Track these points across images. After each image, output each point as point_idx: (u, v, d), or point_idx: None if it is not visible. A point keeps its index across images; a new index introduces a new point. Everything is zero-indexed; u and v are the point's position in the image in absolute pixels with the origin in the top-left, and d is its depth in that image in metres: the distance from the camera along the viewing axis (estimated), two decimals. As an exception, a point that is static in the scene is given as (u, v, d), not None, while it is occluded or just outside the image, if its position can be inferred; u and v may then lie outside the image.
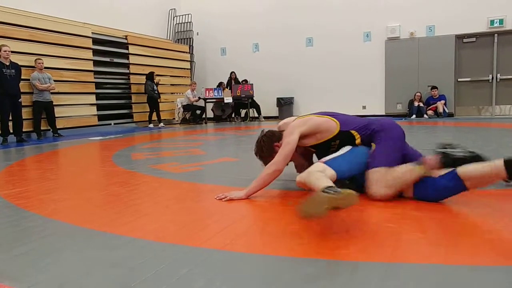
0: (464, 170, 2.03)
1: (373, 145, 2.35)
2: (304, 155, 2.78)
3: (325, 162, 2.21)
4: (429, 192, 2.14)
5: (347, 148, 2.38)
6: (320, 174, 2.04)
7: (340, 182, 2.11)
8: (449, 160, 2.07)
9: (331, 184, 1.86)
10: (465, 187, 2.05)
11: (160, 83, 10.61)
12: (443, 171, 2.21)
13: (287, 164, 2.53)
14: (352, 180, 2.40)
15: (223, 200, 2.36)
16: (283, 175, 2.65)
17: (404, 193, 2.24)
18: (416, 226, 1.84)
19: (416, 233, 1.75)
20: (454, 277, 1.29)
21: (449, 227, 1.80)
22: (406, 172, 2.16)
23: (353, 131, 2.43)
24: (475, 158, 2.07)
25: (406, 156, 2.46)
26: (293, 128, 2.48)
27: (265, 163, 2.60)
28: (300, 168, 2.78)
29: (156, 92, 10.34)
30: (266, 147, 2.58)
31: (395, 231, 1.73)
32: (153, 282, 1.33)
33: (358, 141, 2.42)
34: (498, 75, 9.81)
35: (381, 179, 2.19)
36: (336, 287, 1.25)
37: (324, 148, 2.56)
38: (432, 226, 1.85)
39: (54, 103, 8.06)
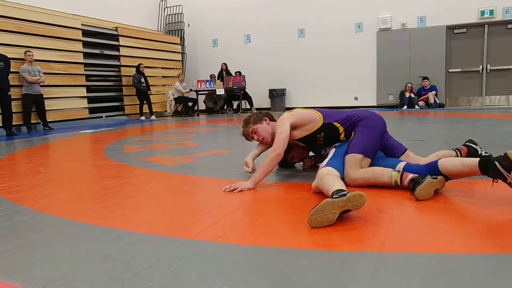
0: (443, 165, 2.12)
1: (353, 134, 2.46)
2: (303, 149, 2.95)
3: (327, 165, 2.29)
4: None
5: (334, 149, 2.49)
6: (331, 177, 2.09)
7: None
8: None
9: (340, 187, 1.90)
10: (447, 177, 2.13)
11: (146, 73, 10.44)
12: (428, 160, 2.37)
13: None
14: None
15: (234, 192, 2.36)
16: (275, 168, 2.65)
17: None
18: (407, 216, 1.86)
19: (408, 222, 1.77)
20: (446, 266, 1.32)
21: (440, 216, 1.82)
22: (379, 172, 2.25)
23: (336, 123, 2.54)
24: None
25: (387, 147, 2.58)
26: (283, 119, 2.59)
27: (246, 134, 2.75)
28: (301, 158, 2.99)
29: (143, 84, 10.24)
30: (256, 116, 2.74)
31: (387, 220, 1.75)
32: (146, 275, 1.33)
33: (342, 133, 2.54)
34: (488, 65, 9.88)
35: (356, 163, 2.29)
36: (329, 278, 1.26)
37: (311, 141, 2.70)
38: (423, 215, 1.87)
39: (44, 96, 7.97)
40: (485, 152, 2.63)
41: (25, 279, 1.35)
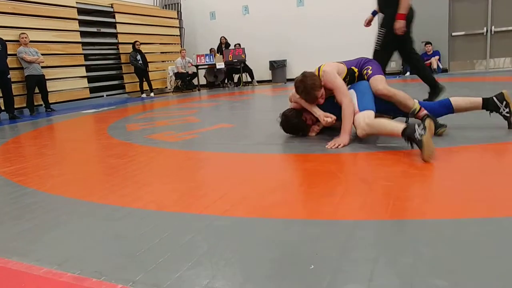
0: (456, 101, 2.79)
1: (369, 68, 2.97)
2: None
3: (361, 110, 2.66)
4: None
5: (353, 90, 2.86)
6: (382, 120, 2.53)
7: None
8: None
9: (402, 125, 2.29)
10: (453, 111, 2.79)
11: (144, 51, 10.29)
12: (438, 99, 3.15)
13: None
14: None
15: (333, 148, 2.59)
16: (277, 139, 2.64)
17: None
18: (411, 184, 1.87)
19: (412, 190, 1.79)
20: (450, 231, 1.33)
21: (443, 184, 1.83)
22: (406, 96, 2.81)
23: (353, 68, 3.06)
24: None
25: None
26: (331, 72, 2.89)
27: (316, 97, 2.88)
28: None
29: (139, 61, 10.12)
30: (317, 79, 2.88)
31: (392, 188, 1.76)
32: (157, 250, 1.35)
33: (357, 73, 3.02)
34: (493, 27, 9.66)
35: (383, 80, 2.87)
36: (336, 246, 1.28)
37: None
38: (426, 183, 1.88)
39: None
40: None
41: (39, 258, 1.38)
